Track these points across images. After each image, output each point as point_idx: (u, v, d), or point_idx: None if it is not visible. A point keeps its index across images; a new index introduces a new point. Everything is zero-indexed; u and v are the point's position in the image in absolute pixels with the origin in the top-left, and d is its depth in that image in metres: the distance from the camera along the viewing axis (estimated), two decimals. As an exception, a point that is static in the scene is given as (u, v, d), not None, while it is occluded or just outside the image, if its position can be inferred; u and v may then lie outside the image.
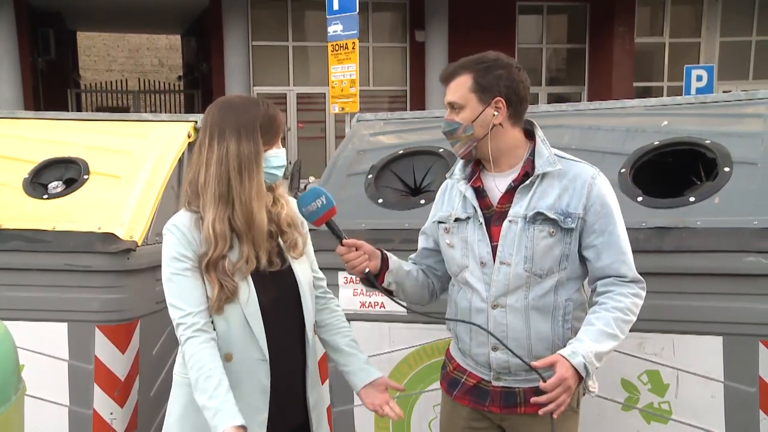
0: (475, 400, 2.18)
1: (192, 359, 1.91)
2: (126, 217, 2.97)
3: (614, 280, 2.04)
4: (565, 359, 1.87)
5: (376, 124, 3.46)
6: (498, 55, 2.10)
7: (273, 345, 2.00)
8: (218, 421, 1.84)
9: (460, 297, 2.17)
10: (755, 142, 2.59)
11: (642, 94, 15.29)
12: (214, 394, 1.87)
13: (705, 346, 2.40)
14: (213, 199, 1.95)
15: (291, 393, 2.08)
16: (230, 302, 1.95)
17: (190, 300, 1.95)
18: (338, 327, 2.23)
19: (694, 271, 2.39)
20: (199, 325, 1.94)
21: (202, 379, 1.89)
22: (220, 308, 1.95)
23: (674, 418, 2.48)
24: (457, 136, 2.11)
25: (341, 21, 8.80)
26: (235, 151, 1.95)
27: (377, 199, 2.94)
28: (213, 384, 1.88)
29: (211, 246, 1.94)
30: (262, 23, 14.88)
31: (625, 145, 2.77)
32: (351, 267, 2.09)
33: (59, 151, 3.33)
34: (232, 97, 2.09)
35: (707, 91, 11.48)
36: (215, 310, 1.95)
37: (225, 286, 1.93)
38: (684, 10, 15.84)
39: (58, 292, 2.91)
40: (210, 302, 1.95)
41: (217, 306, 1.94)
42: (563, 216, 2.02)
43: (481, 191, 2.14)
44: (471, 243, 2.11)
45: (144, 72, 22.90)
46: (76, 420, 2.97)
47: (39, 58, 15.23)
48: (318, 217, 2.03)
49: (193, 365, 1.91)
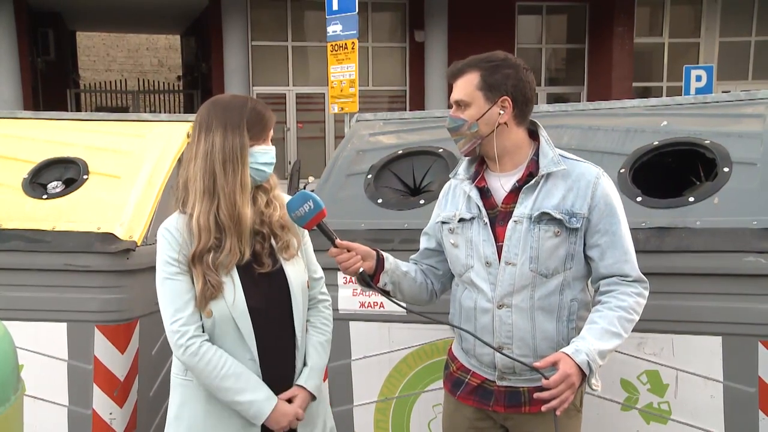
0: (479, 400, 2.18)
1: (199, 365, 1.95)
2: (125, 217, 2.97)
3: (618, 279, 2.04)
4: (569, 357, 1.88)
5: (375, 125, 3.46)
6: (506, 55, 2.11)
7: (263, 345, 2.02)
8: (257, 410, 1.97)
9: (465, 297, 2.17)
10: (755, 142, 2.59)
11: (641, 94, 15.31)
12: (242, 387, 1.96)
13: (704, 347, 2.40)
14: (199, 193, 1.97)
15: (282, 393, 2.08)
16: (215, 299, 1.96)
17: (180, 304, 1.96)
18: (315, 326, 2.21)
19: (693, 272, 2.39)
20: (191, 331, 1.96)
21: (218, 379, 1.95)
22: (206, 305, 1.96)
23: (673, 418, 2.48)
24: (461, 133, 2.11)
25: (341, 21, 8.79)
26: (221, 144, 1.97)
27: (377, 200, 2.94)
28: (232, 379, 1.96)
29: (195, 240, 1.96)
30: (262, 23, 14.88)
31: (624, 145, 2.77)
32: (344, 268, 2.10)
33: (58, 151, 3.33)
34: (221, 95, 2.12)
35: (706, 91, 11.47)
36: (201, 308, 1.97)
37: (209, 281, 1.95)
38: (683, 10, 15.85)
39: (58, 292, 2.91)
40: (197, 299, 1.96)
41: (203, 303, 1.95)
42: (568, 216, 2.03)
43: (486, 191, 2.14)
44: (476, 243, 2.11)
45: (143, 72, 22.89)
46: (75, 420, 2.97)
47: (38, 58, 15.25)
48: (307, 221, 2.03)
49: (202, 369, 1.95)
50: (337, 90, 8.98)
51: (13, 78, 13.02)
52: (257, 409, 1.98)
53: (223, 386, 1.96)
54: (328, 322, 2.25)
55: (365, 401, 2.86)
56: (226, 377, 1.96)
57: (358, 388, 2.86)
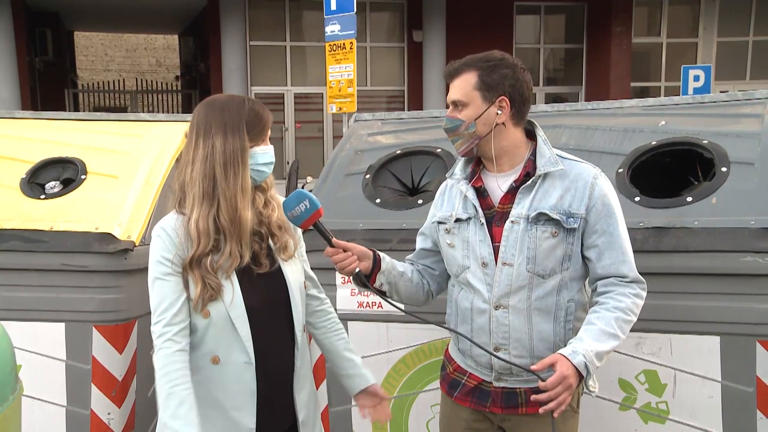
0: (476, 401, 2.18)
1: (159, 372, 1.89)
2: (123, 217, 2.97)
3: (615, 280, 2.04)
4: (566, 358, 1.87)
5: (373, 124, 3.46)
6: (504, 55, 2.11)
7: (262, 347, 1.99)
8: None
9: (461, 297, 2.17)
10: (752, 142, 2.59)
11: (639, 94, 15.32)
12: (176, 413, 1.85)
13: (702, 346, 2.40)
14: (198, 196, 1.95)
15: (280, 395, 2.07)
16: (213, 301, 1.93)
17: (167, 306, 1.93)
18: (333, 330, 2.23)
19: (691, 271, 2.39)
20: (169, 334, 1.91)
21: (164, 395, 1.87)
22: (203, 307, 1.93)
23: (672, 418, 2.48)
24: (458, 133, 2.11)
25: (339, 21, 8.79)
26: (221, 147, 1.95)
27: (375, 199, 2.94)
28: (175, 402, 1.86)
29: (194, 243, 1.93)
30: (260, 23, 14.88)
31: (622, 145, 2.78)
32: (340, 268, 2.09)
33: (57, 151, 3.33)
34: (217, 96, 2.08)
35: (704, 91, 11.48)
36: (199, 310, 1.93)
37: (208, 284, 1.92)
38: (681, 10, 15.86)
39: (56, 292, 2.91)
40: (193, 301, 1.93)
41: (200, 305, 1.93)
42: (566, 216, 2.02)
43: (482, 191, 2.14)
44: (472, 243, 2.11)
45: (141, 72, 22.88)
46: (73, 420, 2.97)
47: (36, 58, 15.23)
48: (303, 221, 2.02)
49: (160, 378, 1.89)
50: (335, 90, 8.98)
51: (11, 78, 13.00)
52: None
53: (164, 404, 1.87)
54: (338, 320, 2.27)
55: (363, 401, 2.86)
56: (172, 395, 1.87)
57: (356, 388, 2.86)
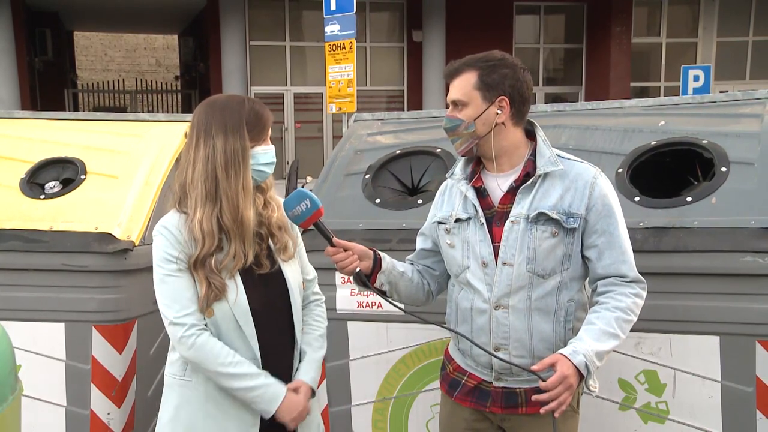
0: (476, 401, 2.18)
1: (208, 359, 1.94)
2: (123, 217, 2.97)
3: (615, 280, 2.04)
4: (566, 358, 1.87)
5: (373, 124, 3.46)
6: (504, 55, 2.11)
7: (264, 346, 2.01)
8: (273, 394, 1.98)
9: (461, 297, 2.16)
10: (752, 142, 2.59)
11: (639, 94, 15.33)
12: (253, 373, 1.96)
13: (702, 346, 2.40)
14: (201, 197, 1.96)
15: None
16: (218, 301, 1.95)
17: (184, 300, 1.95)
18: (308, 323, 2.20)
19: (691, 271, 2.39)
20: (200, 324, 1.96)
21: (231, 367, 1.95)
22: (208, 307, 1.95)
23: (671, 418, 2.48)
24: (458, 133, 2.11)
25: (338, 21, 8.80)
26: (222, 147, 1.95)
27: (374, 199, 2.94)
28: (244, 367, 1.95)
29: (199, 244, 1.94)
30: (260, 23, 14.88)
31: (622, 145, 2.77)
32: (340, 268, 2.09)
33: (56, 151, 3.32)
34: (217, 96, 2.09)
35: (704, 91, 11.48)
36: (203, 309, 1.96)
37: (213, 284, 1.94)
38: (681, 10, 15.87)
39: (55, 292, 2.91)
40: (199, 301, 1.96)
41: (205, 305, 1.95)
42: (566, 216, 2.02)
43: (482, 191, 2.14)
44: (472, 243, 2.11)
45: (141, 72, 22.87)
46: (73, 420, 2.97)
47: (36, 58, 15.23)
48: (304, 220, 2.02)
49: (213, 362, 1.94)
50: (335, 90, 8.98)
51: (11, 78, 13.00)
52: (273, 392, 1.98)
53: (237, 372, 1.94)
54: (321, 318, 2.24)
55: (363, 401, 2.86)
56: (239, 363, 1.95)
57: (356, 388, 2.86)
